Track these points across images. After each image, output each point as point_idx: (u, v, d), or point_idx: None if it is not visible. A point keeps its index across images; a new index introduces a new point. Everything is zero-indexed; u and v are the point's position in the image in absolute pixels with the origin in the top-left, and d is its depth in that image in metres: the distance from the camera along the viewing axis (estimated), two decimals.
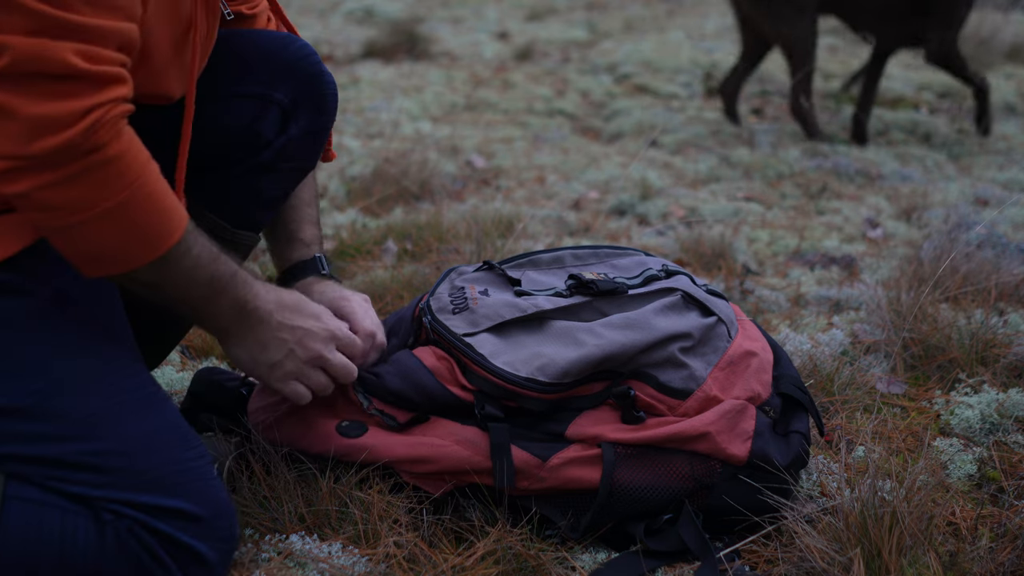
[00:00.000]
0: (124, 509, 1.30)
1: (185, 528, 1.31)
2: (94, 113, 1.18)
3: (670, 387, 1.52)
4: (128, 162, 1.23)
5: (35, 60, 1.15)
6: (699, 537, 1.49)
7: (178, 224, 1.30)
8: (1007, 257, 2.64)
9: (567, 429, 1.51)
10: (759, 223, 3.27)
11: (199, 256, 1.33)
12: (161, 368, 2.02)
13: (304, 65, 1.60)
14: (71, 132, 1.17)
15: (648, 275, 1.66)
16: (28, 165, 1.18)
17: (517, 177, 3.80)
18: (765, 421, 1.56)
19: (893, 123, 4.72)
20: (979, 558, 1.46)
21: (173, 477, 1.32)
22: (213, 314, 1.40)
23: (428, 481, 1.54)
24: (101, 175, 1.21)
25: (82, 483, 1.30)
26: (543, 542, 1.52)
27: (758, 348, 1.64)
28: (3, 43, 1.14)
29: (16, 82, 1.15)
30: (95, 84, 1.19)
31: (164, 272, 1.31)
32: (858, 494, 1.44)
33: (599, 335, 1.52)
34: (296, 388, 1.48)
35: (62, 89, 1.17)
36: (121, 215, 1.23)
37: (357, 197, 3.38)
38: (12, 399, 1.28)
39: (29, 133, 1.16)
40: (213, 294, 1.37)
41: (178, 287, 1.34)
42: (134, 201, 1.24)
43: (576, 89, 5.55)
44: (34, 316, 1.30)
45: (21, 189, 1.20)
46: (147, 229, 1.27)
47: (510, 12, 8.49)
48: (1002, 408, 1.94)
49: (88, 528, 1.30)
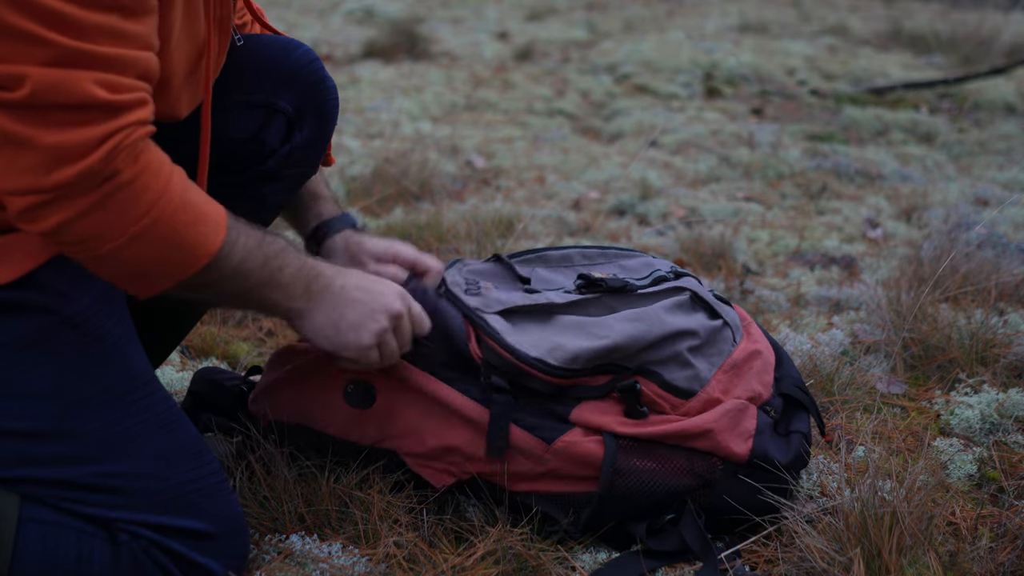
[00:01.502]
0: (140, 530, 1.30)
1: (200, 547, 1.32)
2: (113, 139, 1.18)
3: (675, 386, 1.53)
4: (147, 181, 1.21)
5: (56, 91, 1.14)
6: (701, 537, 1.49)
7: (218, 224, 1.28)
8: (1007, 257, 2.64)
9: (571, 413, 1.51)
10: (759, 223, 3.27)
11: (246, 244, 1.31)
12: (161, 368, 2.02)
13: (307, 73, 1.60)
14: (90, 160, 1.16)
15: (657, 276, 1.67)
16: (50, 198, 1.17)
17: (517, 177, 3.80)
18: (766, 420, 1.57)
19: (893, 123, 4.72)
20: (979, 558, 1.46)
21: (188, 497, 1.32)
22: (280, 294, 1.37)
23: (430, 469, 1.53)
24: (124, 198, 1.20)
25: (98, 504, 1.30)
26: (543, 542, 1.52)
27: (761, 348, 1.65)
28: (23, 74, 1.13)
29: (35, 112, 1.14)
30: (114, 111, 1.18)
31: (217, 272, 1.29)
32: (858, 494, 1.44)
33: (609, 327, 1.52)
34: (375, 354, 1.45)
35: (80, 118, 1.16)
36: (154, 233, 1.22)
37: (357, 197, 3.38)
38: (29, 422, 1.28)
39: (48, 163, 1.16)
40: (272, 274, 1.35)
41: (236, 280, 1.32)
42: (164, 217, 1.22)
43: (576, 89, 5.55)
44: (49, 336, 1.29)
45: (50, 226, 1.19)
46: (187, 239, 1.25)
47: (510, 12, 8.49)
48: (1002, 408, 1.94)
49: (103, 549, 1.30)
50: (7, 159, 1.16)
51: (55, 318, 1.29)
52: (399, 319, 1.45)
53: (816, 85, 5.56)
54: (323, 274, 1.41)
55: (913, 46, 6.89)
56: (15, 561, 1.27)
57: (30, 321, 1.28)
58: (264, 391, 1.59)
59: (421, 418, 1.52)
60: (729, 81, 5.67)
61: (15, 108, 1.14)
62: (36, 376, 1.28)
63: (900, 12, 8.41)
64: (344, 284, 1.42)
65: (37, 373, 1.28)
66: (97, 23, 1.14)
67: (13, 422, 1.27)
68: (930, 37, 6.74)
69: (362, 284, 1.44)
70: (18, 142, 1.15)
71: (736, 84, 5.63)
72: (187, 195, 1.25)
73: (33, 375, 1.28)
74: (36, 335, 1.28)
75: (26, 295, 1.27)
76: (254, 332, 2.31)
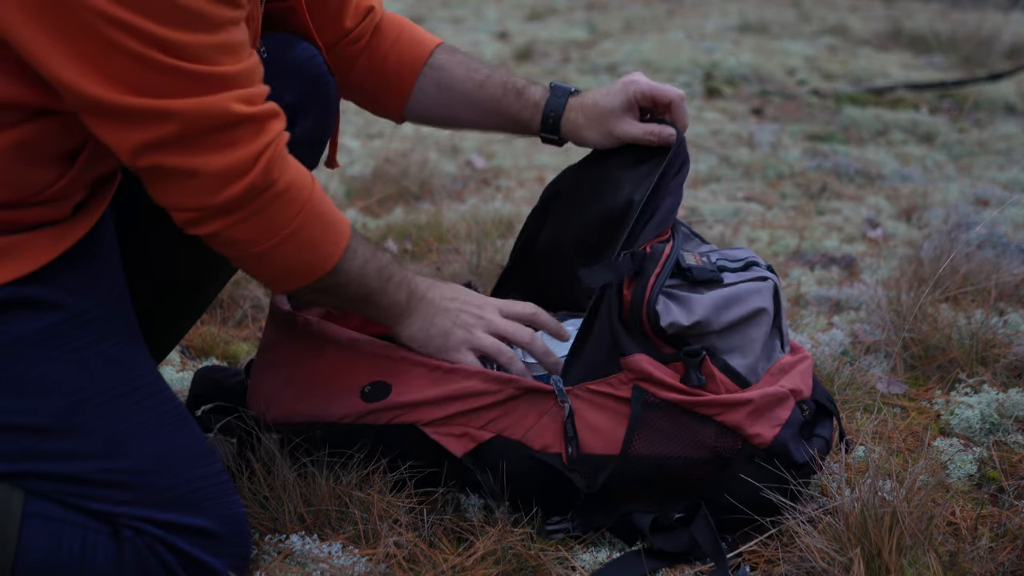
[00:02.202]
0: (145, 526, 1.31)
1: (203, 545, 1.32)
2: (266, 153, 1.26)
3: (735, 371, 1.54)
4: (298, 188, 1.33)
5: (203, 118, 1.21)
6: (714, 539, 1.48)
7: (344, 230, 1.40)
8: (1007, 257, 2.64)
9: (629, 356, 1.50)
10: (759, 223, 3.27)
11: (365, 253, 1.44)
12: (161, 368, 2.02)
13: (310, 67, 1.60)
14: (251, 176, 1.26)
15: (748, 261, 1.68)
16: (215, 212, 1.28)
17: (517, 177, 3.80)
18: (799, 417, 1.57)
19: (893, 123, 4.71)
20: (979, 558, 1.46)
21: (194, 495, 1.33)
22: (388, 301, 1.49)
23: (449, 436, 1.52)
24: (278, 206, 1.31)
25: (104, 500, 1.30)
26: (543, 542, 1.52)
27: (807, 355, 1.68)
28: (169, 109, 1.19)
29: (190, 143, 1.22)
30: (258, 125, 1.26)
31: (342, 276, 1.41)
32: (858, 494, 1.44)
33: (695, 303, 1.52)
34: (469, 360, 1.52)
35: (232, 138, 1.24)
36: (299, 236, 1.34)
37: (357, 197, 3.38)
38: (35, 417, 1.28)
39: (215, 186, 1.25)
40: (384, 281, 1.47)
41: (355, 285, 1.44)
42: (307, 222, 1.34)
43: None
44: (56, 332, 1.29)
45: (211, 231, 1.30)
46: (323, 242, 1.37)
47: (510, 12, 8.49)
48: (1002, 408, 1.94)
49: (107, 544, 1.30)
50: (176, 189, 1.27)
51: (64, 315, 1.30)
52: (483, 321, 1.54)
53: (816, 85, 5.56)
54: (419, 285, 1.53)
55: (913, 46, 6.88)
56: (19, 556, 1.28)
57: (39, 317, 1.28)
58: (266, 398, 1.59)
59: (433, 384, 1.52)
60: (729, 81, 5.67)
61: (171, 144, 1.21)
62: (44, 372, 1.28)
63: (900, 12, 8.40)
64: (436, 295, 1.54)
65: (45, 369, 1.28)
66: (217, 43, 1.21)
67: (20, 417, 1.28)
68: (930, 37, 6.73)
69: (452, 294, 1.56)
70: (185, 174, 1.24)
71: (736, 84, 5.63)
72: (324, 203, 1.37)
73: (41, 371, 1.28)
74: (45, 331, 1.29)
75: (35, 291, 1.28)
76: (254, 332, 2.31)
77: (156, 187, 1.28)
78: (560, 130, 1.69)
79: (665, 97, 1.67)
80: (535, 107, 1.70)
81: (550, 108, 1.69)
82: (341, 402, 1.55)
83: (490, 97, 1.71)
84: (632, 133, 1.67)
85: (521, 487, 1.53)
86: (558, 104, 1.69)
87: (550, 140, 1.72)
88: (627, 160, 1.68)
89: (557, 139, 1.71)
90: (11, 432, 1.28)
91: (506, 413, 1.51)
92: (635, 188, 1.62)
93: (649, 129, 1.66)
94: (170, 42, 1.17)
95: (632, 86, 1.67)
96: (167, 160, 1.22)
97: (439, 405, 1.51)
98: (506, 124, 1.74)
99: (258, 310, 2.40)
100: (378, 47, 1.73)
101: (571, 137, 1.71)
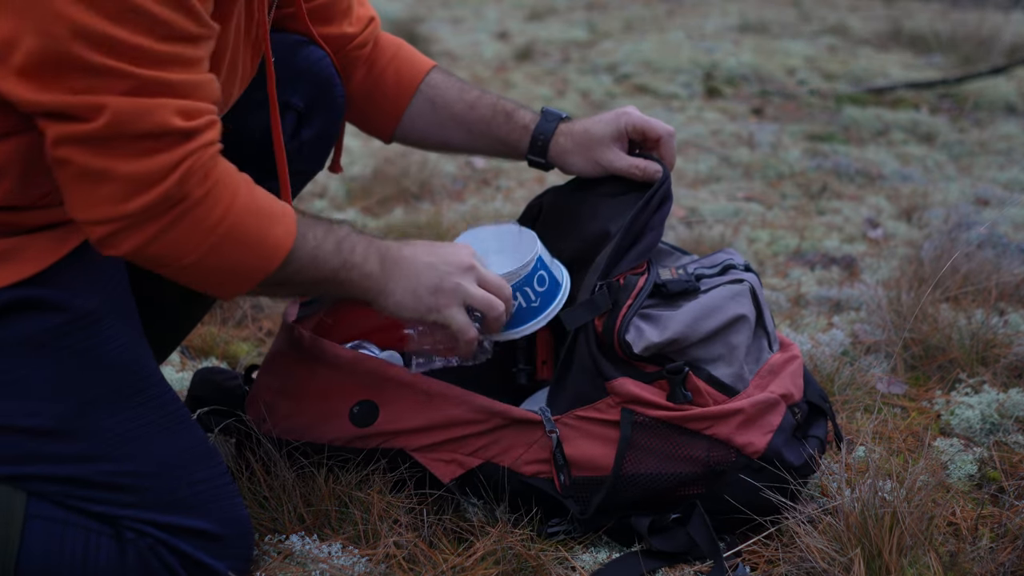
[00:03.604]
0: (147, 528, 1.31)
1: (205, 547, 1.33)
2: (186, 163, 1.21)
3: (721, 381, 1.54)
4: (219, 194, 1.25)
5: (134, 119, 1.17)
6: (710, 538, 1.49)
7: (288, 223, 1.32)
8: (1007, 257, 2.64)
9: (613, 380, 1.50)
10: (759, 223, 3.27)
11: (315, 234, 1.35)
12: (161, 368, 2.02)
13: (318, 69, 1.61)
14: (165, 185, 1.20)
15: (726, 264, 1.68)
16: (127, 224, 1.21)
17: (517, 177, 3.80)
18: (790, 421, 1.57)
19: (893, 123, 4.71)
20: (979, 558, 1.46)
21: (197, 497, 1.33)
22: (356, 273, 1.40)
23: (438, 462, 1.52)
24: (195, 216, 1.23)
25: (107, 502, 1.31)
26: (543, 542, 1.52)
27: (796, 354, 1.68)
28: (101, 104, 1.15)
29: (111, 143, 1.17)
30: (187, 136, 1.21)
31: (296, 264, 1.33)
32: (858, 494, 1.44)
33: (668, 320, 1.53)
34: (462, 318, 1.46)
35: (156, 145, 1.19)
36: (230, 242, 1.26)
37: (357, 197, 3.38)
38: (39, 420, 1.28)
39: (125, 192, 1.19)
40: (345, 257, 1.38)
41: (314, 268, 1.35)
42: (236, 226, 1.26)
43: (576, 89, 5.55)
44: (61, 334, 1.29)
45: (127, 250, 1.23)
46: (261, 241, 1.29)
47: (510, 12, 8.49)
48: (1002, 408, 1.94)
49: (110, 547, 1.30)
50: (85, 192, 1.20)
51: (67, 316, 1.29)
52: (473, 271, 1.47)
53: (816, 85, 5.56)
54: (391, 247, 1.44)
55: (913, 46, 6.88)
56: (21, 557, 1.28)
57: (43, 319, 1.28)
58: (264, 405, 1.59)
59: (422, 408, 1.52)
60: (729, 81, 5.67)
61: (92, 141, 1.16)
62: (48, 374, 1.28)
63: (900, 12, 8.40)
64: (413, 252, 1.45)
65: (49, 371, 1.28)
66: (169, 52, 1.17)
67: (23, 419, 1.28)
68: (930, 37, 6.73)
69: (429, 249, 1.47)
70: (96, 174, 1.18)
71: (736, 84, 5.63)
72: (255, 201, 1.29)
73: (45, 373, 1.28)
74: (48, 333, 1.28)
75: (39, 293, 1.28)
76: (254, 332, 2.31)
77: (67, 192, 1.22)
78: (548, 153, 1.69)
79: (655, 132, 1.66)
80: (524, 130, 1.69)
81: (539, 131, 1.68)
82: (331, 423, 1.55)
83: (480, 118, 1.71)
84: (617, 165, 1.66)
85: (514, 504, 1.54)
86: (548, 128, 1.68)
87: (537, 163, 1.71)
88: (610, 190, 1.67)
89: (544, 162, 1.70)
90: (15, 434, 1.28)
91: (495, 441, 1.52)
92: (612, 220, 1.61)
93: (634, 163, 1.65)
94: (126, 44, 1.14)
95: (624, 117, 1.66)
96: (82, 157, 1.17)
97: (426, 432, 1.52)
98: (494, 146, 1.73)
99: (258, 310, 2.40)
100: (378, 59, 1.73)
101: (557, 162, 1.70)
